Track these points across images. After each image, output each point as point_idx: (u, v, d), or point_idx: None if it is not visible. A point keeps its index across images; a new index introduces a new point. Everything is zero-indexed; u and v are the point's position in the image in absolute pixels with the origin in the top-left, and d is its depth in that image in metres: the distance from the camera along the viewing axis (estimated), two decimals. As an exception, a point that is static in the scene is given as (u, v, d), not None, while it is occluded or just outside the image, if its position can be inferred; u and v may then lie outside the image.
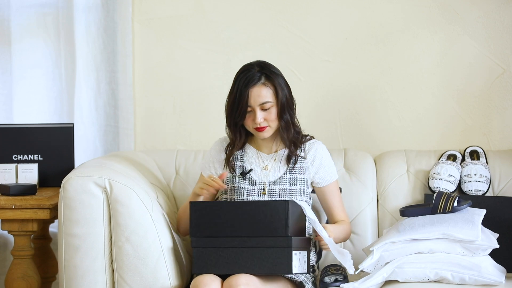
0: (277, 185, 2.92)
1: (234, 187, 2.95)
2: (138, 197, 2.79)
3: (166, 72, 3.65)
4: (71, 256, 2.80)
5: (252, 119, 2.87)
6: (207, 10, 3.63)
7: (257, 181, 2.93)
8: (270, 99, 2.86)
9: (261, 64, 2.91)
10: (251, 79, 2.85)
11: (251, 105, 2.85)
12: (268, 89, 2.86)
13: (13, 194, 3.07)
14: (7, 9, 3.64)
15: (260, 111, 2.86)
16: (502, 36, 3.52)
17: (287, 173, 2.94)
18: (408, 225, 2.88)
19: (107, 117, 3.66)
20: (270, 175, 2.94)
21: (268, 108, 2.86)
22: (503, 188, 3.26)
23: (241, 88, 2.85)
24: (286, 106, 2.88)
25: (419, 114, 3.57)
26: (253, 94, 2.84)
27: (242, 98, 2.84)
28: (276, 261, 2.64)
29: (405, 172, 3.32)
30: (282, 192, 2.91)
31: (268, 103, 2.85)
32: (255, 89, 2.85)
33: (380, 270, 2.82)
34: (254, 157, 2.98)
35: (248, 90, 2.84)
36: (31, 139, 3.36)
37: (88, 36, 3.64)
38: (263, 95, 2.85)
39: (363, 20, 3.58)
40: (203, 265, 2.70)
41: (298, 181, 2.93)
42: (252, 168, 2.95)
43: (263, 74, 2.86)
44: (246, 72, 2.88)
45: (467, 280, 2.76)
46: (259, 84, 2.85)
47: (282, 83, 2.89)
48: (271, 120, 2.87)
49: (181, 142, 3.63)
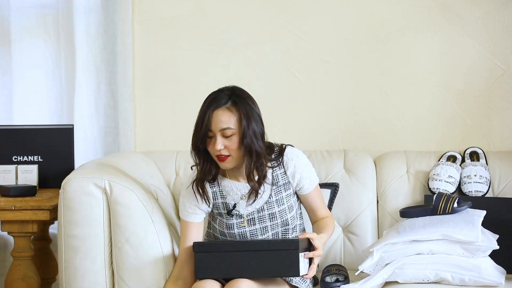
0: (266, 211, 2.81)
1: (223, 222, 2.83)
2: (138, 198, 2.79)
3: (166, 73, 3.65)
4: (71, 257, 2.80)
5: (213, 144, 2.68)
6: (207, 11, 3.62)
7: (244, 214, 2.81)
8: (232, 126, 2.66)
9: (234, 89, 2.73)
10: (216, 101, 2.67)
11: (212, 130, 2.66)
12: (232, 114, 2.67)
13: (13, 195, 3.07)
14: (7, 9, 3.64)
15: (221, 138, 2.66)
16: (502, 37, 3.52)
17: (272, 196, 2.81)
18: (408, 226, 2.88)
19: (107, 118, 3.66)
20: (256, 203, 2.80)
21: (229, 135, 2.67)
22: (503, 189, 3.27)
23: (204, 109, 2.68)
24: (250, 135, 2.67)
25: (419, 114, 3.57)
26: (215, 118, 2.66)
27: (204, 120, 2.66)
28: (284, 264, 2.59)
29: (405, 173, 3.32)
30: (272, 216, 2.81)
31: (229, 130, 2.66)
32: (218, 112, 2.66)
33: (380, 271, 2.82)
34: (232, 190, 2.81)
35: (210, 112, 2.66)
36: (31, 140, 3.36)
37: (88, 37, 3.63)
38: (224, 120, 2.66)
39: (363, 20, 3.58)
40: (206, 270, 2.64)
41: (285, 199, 2.82)
42: (235, 203, 2.81)
43: (230, 99, 2.68)
44: (215, 94, 2.71)
45: (467, 281, 2.76)
46: (223, 107, 2.67)
47: (250, 113, 2.68)
48: (232, 149, 2.67)
49: (181, 143, 3.63)
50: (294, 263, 2.59)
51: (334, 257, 3.24)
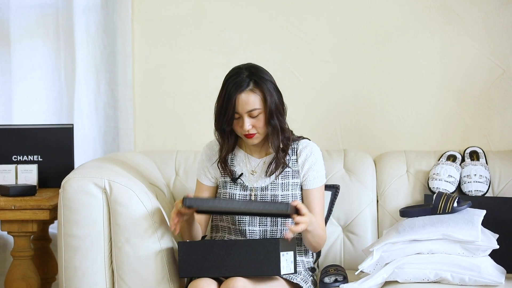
0: (269, 191, 2.85)
1: (226, 193, 2.90)
2: (138, 198, 2.79)
3: (166, 72, 3.65)
4: (71, 257, 2.80)
5: (241, 125, 2.78)
6: (207, 11, 3.62)
7: (249, 186, 2.87)
8: (258, 106, 2.76)
9: (251, 68, 2.80)
10: (239, 85, 2.74)
11: (239, 112, 2.75)
12: (256, 95, 2.75)
13: (12, 195, 3.07)
14: (7, 9, 3.64)
15: (248, 118, 2.76)
16: (502, 37, 3.52)
17: (279, 178, 2.86)
18: (408, 226, 2.87)
19: (107, 118, 3.66)
20: (260, 180, 2.87)
21: (256, 115, 2.76)
22: (503, 189, 3.26)
23: (229, 93, 2.75)
24: (275, 112, 2.78)
25: (419, 114, 3.57)
26: (241, 101, 2.74)
27: (229, 104, 2.74)
28: (264, 263, 2.61)
29: (405, 173, 3.32)
30: (274, 198, 2.84)
31: (256, 110, 2.76)
32: (243, 96, 2.74)
33: (380, 271, 2.81)
34: (244, 161, 2.91)
35: (235, 96, 2.74)
36: (31, 139, 3.36)
37: (88, 37, 3.63)
38: (251, 102, 2.75)
39: (363, 20, 3.58)
40: (189, 268, 2.67)
41: (291, 185, 2.86)
42: (242, 173, 2.89)
43: (251, 80, 2.76)
44: (235, 77, 2.77)
45: (467, 280, 2.76)
46: (247, 90, 2.75)
47: (271, 89, 2.78)
48: (260, 127, 2.78)
49: (181, 143, 3.63)
50: (276, 262, 2.61)
51: (334, 256, 3.24)
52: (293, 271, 2.68)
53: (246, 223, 2.85)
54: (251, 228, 2.86)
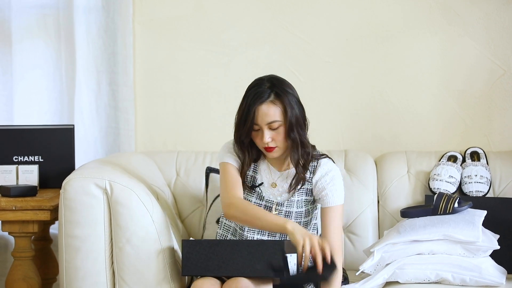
0: (284, 207, 2.80)
1: None
2: (138, 198, 2.79)
3: (167, 73, 3.65)
4: (72, 257, 2.80)
5: (260, 138, 2.73)
6: (208, 11, 3.63)
7: (265, 197, 2.83)
8: (278, 118, 2.70)
9: (273, 80, 2.75)
10: (259, 96, 2.70)
11: (258, 124, 2.71)
12: (276, 107, 2.70)
13: (13, 195, 3.07)
14: (8, 10, 3.64)
15: (268, 131, 2.71)
16: (502, 37, 3.52)
17: (295, 195, 2.81)
18: (408, 226, 2.88)
19: (108, 119, 3.66)
20: (277, 195, 2.83)
21: (276, 127, 2.71)
22: (503, 189, 3.27)
23: (249, 104, 2.70)
24: (295, 125, 2.72)
25: (420, 115, 3.57)
26: (261, 113, 2.70)
27: (249, 115, 2.70)
28: (269, 264, 2.60)
29: (406, 173, 3.32)
30: (288, 214, 2.80)
31: (276, 123, 2.70)
32: (263, 107, 2.70)
33: (380, 271, 2.82)
34: (266, 171, 2.85)
35: (255, 107, 2.69)
36: (32, 140, 3.36)
37: (89, 37, 3.64)
38: (271, 114, 2.70)
39: (364, 21, 3.58)
40: (192, 267, 2.66)
41: (304, 202, 2.82)
42: (262, 182, 2.84)
43: (273, 91, 2.71)
44: (256, 87, 2.72)
45: (468, 281, 2.76)
46: (267, 102, 2.70)
47: (292, 102, 2.73)
48: (279, 140, 2.72)
49: (182, 143, 3.63)
50: (279, 263, 2.60)
51: (334, 257, 3.24)
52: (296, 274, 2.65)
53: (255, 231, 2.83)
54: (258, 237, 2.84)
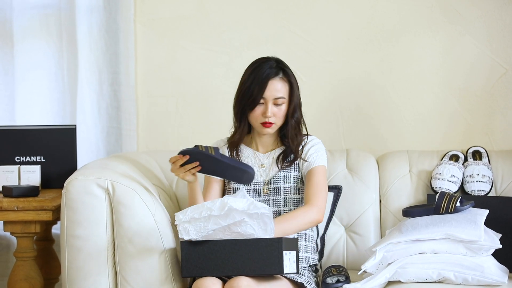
0: (271, 184, 2.90)
1: (231, 187, 2.93)
2: (140, 198, 2.79)
3: (168, 73, 3.66)
4: (74, 257, 2.80)
5: (262, 112, 2.84)
6: (209, 11, 3.63)
7: (254, 181, 2.91)
8: (284, 95, 2.85)
9: (277, 59, 2.90)
10: (271, 71, 2.83)
11: (266, 97, 2.83)
12: (285, 84, 2.85)
13: (15, 195, 3.07)
14: (10, 10, 3.65)
15: (272, 106, 2.83)
16: (504, 36, 3.52)
17: (281, 171, 2.91)
18: (410, 226, 2.87)
19: (110, 119, 3.67)
20: (265, 175, 2.92)
21: (280, 104, 2.84)
22: (505, 188, 3.26)
23: (259, 77, 2.82)
24: (297, 106, 2.89)
25: (421, 114, 3.57)
26: (271, 87, 2.82)
27: (259, 87, 2.81)
28: (267, 262, 2.60)
29: (408, 173, 3.32)
30: (276, 190, 2.89)
31: (281, 99, 2.84)
32: (274, 82, 2.83)
33: (383, 271, 2.81)
34: (250, 157, 2.96)
35: (267, 81, 2.81)
36: (34, 140, 3.36)
37: (90, 37, 3.64)
38: (279, 90, 2.83)
39: (365, 20, 3.58)
40: (192, 267, 2.66)
41: (293, 178, 2.91)
42: None
43: (281, 69, 2.85)
44: (266, 64, 2.85)
45: (470, 280, 2.76)
46: (278, 78, 2.84)
47: (295, 82, 2.88)
48: (279, 117, 2.86)
49: (184, 143, 3.63)
50: (278, 260, 2.59)
51: (337, 256, 3.24)
52: (296, 271, 2.68)
53: None
54: None
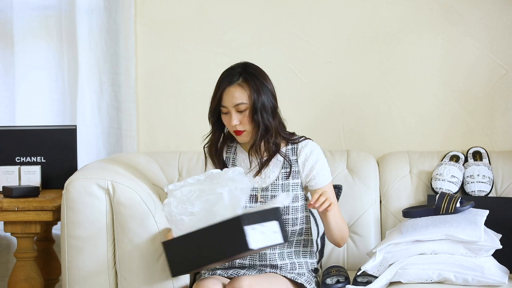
0: (269, 192, 2.85)
1: None
2: (141, 198, 2.79)
3: (169, 74, 3.66)
4: (74, 258, 2.80)
5: (228, 120, 2.81)
6: (210, 12, 3.63)
7: None
8: (244, 101, 2.77)
9: (245, 65, 2.84)
10: (227, 79, 2.80)
11: (226, 106, 2.79)
12: (243, 90, 2.78)
13: (16, 196, 3.07)
14: (10, 11, 3.65)
15: (236, 113, 2.79)
16: (504, 37, 3.52)
17: (279, 178, 2.85)
18: (411, 226, 2.88)
19: (110, 119, 3.67)
20: (262, 181, 2.87)
21: (243, 109, 2.78)
22: (506, 189, 3.27)
23: (218, 86, 2.82)
24: (260, 109, 2.78)
25: (422, 115, 3.57)
26: (228, 94, 2.79)
27: (217, 96, 2.81)
28: (232, 242, 2.52)
29: (408, 173, 3.32)
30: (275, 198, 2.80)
31: (242, 105, 2.77)
32: (231, 89, 2.78)
33: (384, 272, 2.81)
34: (245, 161, 2.91)
35: (223, 89, 2.79)
36: (34, 141, 3.36)
37: (91, 38, 3.64)
38: (237, 96, 2.78)
39: (365, 21, 3.58)
40: (178, 266, 2.62)
41: (291, 186, 2.85)
42: None
43: (241, 75, 2.79)
44: (227, 71, 2.84)
45: (470, 281, 2.76)
46: (235, 84, 2.79)
47: (260, 87, 2.79)
48: (245, 123, 2.80)
49: (184, 144, 3.64)
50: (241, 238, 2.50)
51: (337, 257, 3.24)
52: (282, 241, 2.60)
53: None
54: None
